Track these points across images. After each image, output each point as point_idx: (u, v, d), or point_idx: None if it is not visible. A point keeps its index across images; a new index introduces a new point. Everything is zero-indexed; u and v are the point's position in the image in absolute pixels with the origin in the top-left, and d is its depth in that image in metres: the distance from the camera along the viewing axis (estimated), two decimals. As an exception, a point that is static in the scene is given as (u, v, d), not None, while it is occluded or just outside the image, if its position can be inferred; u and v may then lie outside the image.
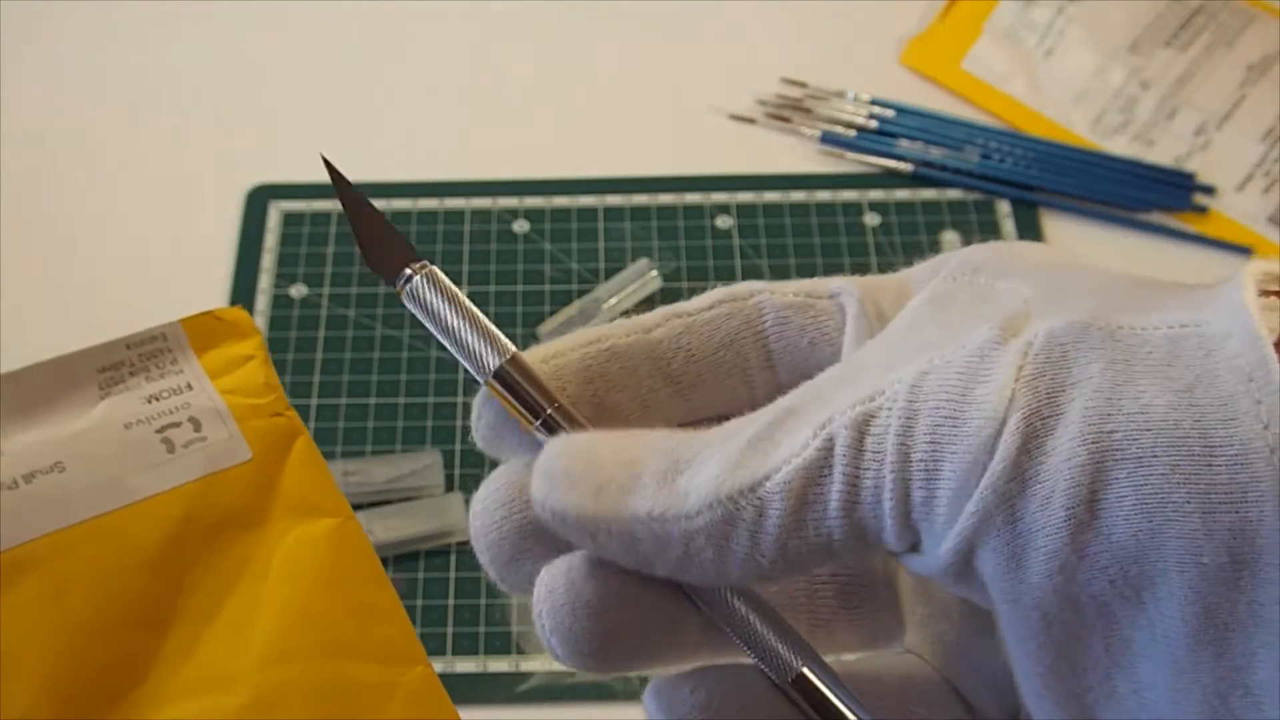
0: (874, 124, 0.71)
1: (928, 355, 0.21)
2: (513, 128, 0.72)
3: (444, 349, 0.26)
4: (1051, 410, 0.20)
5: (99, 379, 0.37)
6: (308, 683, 0.34)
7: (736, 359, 0.25)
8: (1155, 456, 0.19)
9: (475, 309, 0.25)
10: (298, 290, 0.65)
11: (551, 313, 0.63)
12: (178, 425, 0.36)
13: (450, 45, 0.76)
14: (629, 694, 0.53)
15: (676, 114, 0.72)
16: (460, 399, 0.61)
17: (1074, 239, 0.67)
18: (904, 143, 0.70)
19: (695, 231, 0.67)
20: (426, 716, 0.34)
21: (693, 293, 0.27)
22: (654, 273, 0.63)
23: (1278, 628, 0.19)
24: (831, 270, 0.65)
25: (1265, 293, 0.21)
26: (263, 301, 0.64)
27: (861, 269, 0.65)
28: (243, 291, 0.64)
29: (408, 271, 0.25)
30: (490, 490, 0.25)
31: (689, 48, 0.75)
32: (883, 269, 0.66)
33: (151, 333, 0.37)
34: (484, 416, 0.25)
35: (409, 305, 0.25)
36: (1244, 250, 0.67)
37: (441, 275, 0.25)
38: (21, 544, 0.34)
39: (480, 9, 0.77)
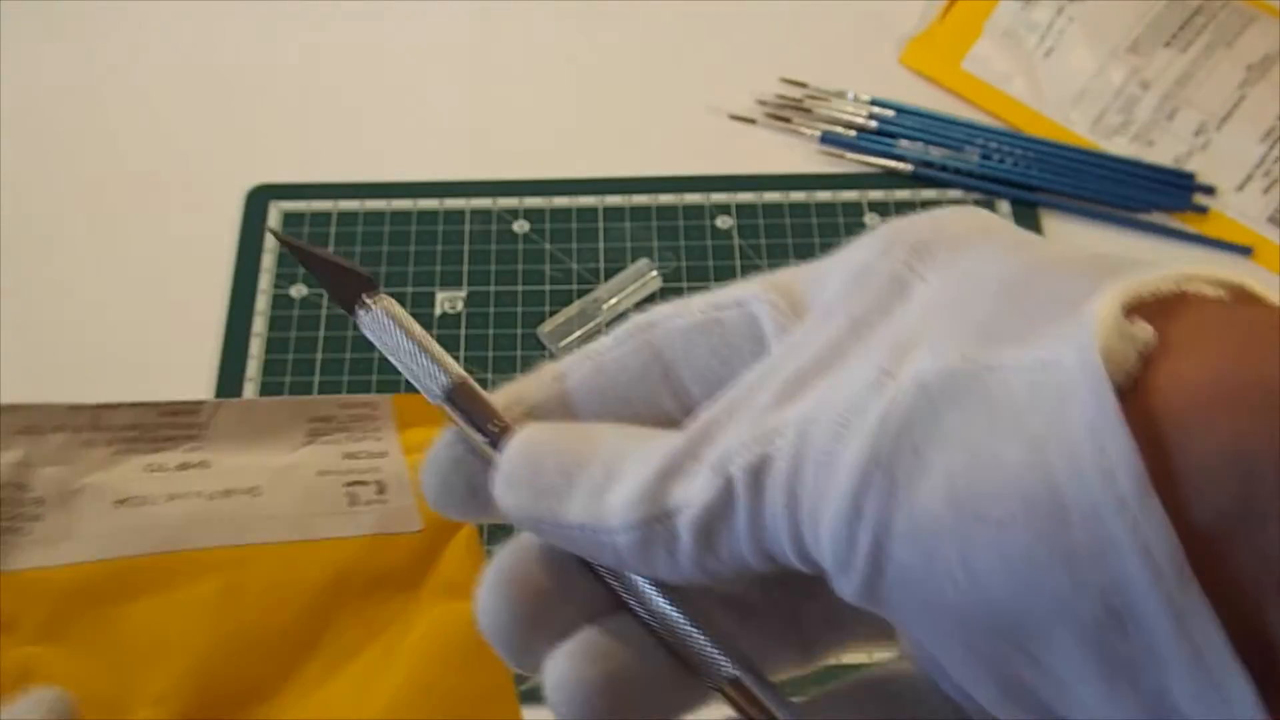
0: (874, 124, 0.71)
1: (818, 392, 0.22)
2: (512, 128, 0.72)
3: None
4: (916, 465, 0.20)
5: (308, 427, 0.41)
6: None
7: (647, 393, 0.26)
8: (1014, 519, 0.19)
9: (428, 335, 0.26)
10: (298, 290, 0.64)
11: (551, 313, 0.63)
12: (365, 484, 0.40)
13: (450, 45, 0.76)
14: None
15: (676, 114, 0.72)
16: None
17: (1074, 239, 0.67)
18: (904, 143, 0.70)
19: (695, 231, 0.67)
20: None
21: (692, 293, 0.27)
22: (654, 273, 0.63)
23: (1179, 666, 0.19)
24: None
25: (1135, 308, 0.20)
26: (263, 301, 0.64)
27: (861, 269, 0.65)
28: (243, 291, 0.64)
29: (367, 301, 0.27)
30: (489, 587, 0.25)
31: (689, 48, 0.75)
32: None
33: (364, 399, 0.42)
34: (433, 473, 0.26)
35: (366, 333, 0.27)
36: (1244, 250, 0.67)
37: (396, 304, 0.27)
38: (206, 548, 0.38)
39: (480, 9, 0.77)
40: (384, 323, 0.26)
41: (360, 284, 0.27)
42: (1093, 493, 0.19)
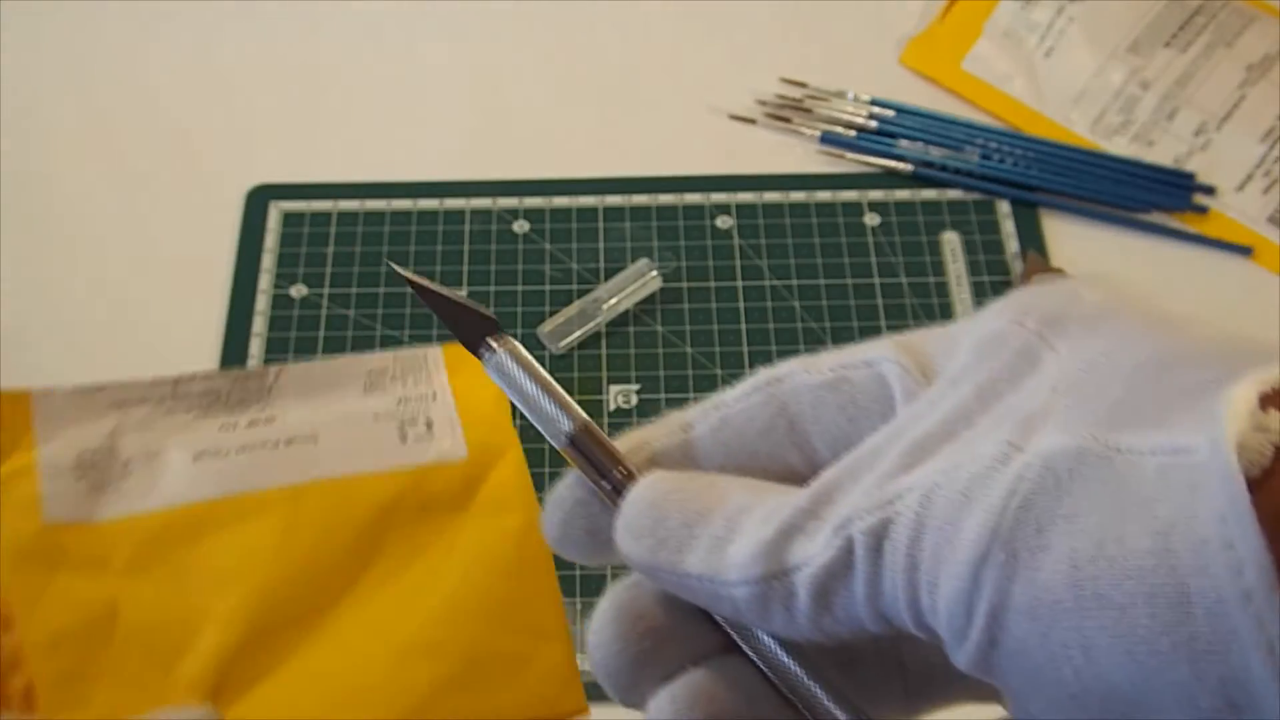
0: (874, 124, 0.71)
1: (942, 459, 0.22)
2: (513, 128, 0.72)
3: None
4: (1039, 543, 0.20)
5: (365, 380, 0.45)
6: (461, 642, 0.40)
7: (772, 447, 0.26)
8: (1136, 605, 0.19)
9: (550, 378, 0.27)
10: (298, 290, 0.65)
11: (551, 313, 0.63)
12: (414, 423, 0.44)
13: (450, 45, 0.76)
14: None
15: (676, 114, 0.72)
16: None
17: (1074, 239, 0.67)
18: (904, 143, 0.70)
19: (695, 231, 0.67)
20: (553, 693, 0.41)
21: (692, 293, 0.27)
22: (654, 273, 0.63)
23: None
24: (831, 270, 0.65)
25: (1270, 398, 0.20)
26: (263, 301, 0.64)
27: (861, 269, 0.65)
28: (243, 291, 0.64)
29: (492, 344, 0.27)
30: (603, 622, 0.26)
31: (689, 48, 0.75)
32: (882, 269, 0.66)
33: (416, 350, 0.46)
34: (555, 514, 0.27)
35: (490, 373, 0.27)
36: (1244, 250, 0.67)
37: (520, 347, 0.27)
38: (269, 489, 0.42)
39: (481, 9, 0.77)
40: (508, 366, 0.27)
41: (484, 326, 0.27)
42: (1219, 586, 0.19)
